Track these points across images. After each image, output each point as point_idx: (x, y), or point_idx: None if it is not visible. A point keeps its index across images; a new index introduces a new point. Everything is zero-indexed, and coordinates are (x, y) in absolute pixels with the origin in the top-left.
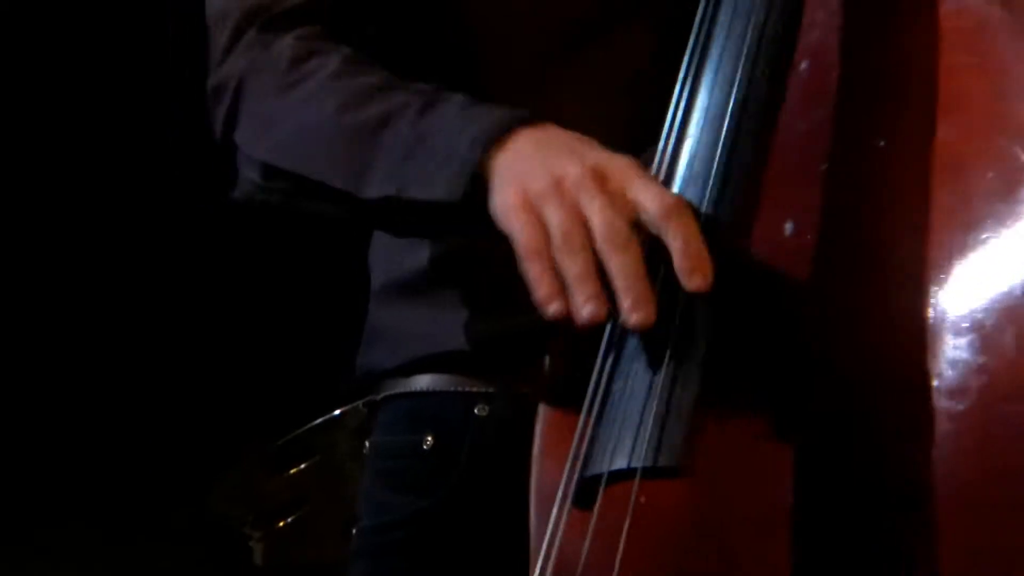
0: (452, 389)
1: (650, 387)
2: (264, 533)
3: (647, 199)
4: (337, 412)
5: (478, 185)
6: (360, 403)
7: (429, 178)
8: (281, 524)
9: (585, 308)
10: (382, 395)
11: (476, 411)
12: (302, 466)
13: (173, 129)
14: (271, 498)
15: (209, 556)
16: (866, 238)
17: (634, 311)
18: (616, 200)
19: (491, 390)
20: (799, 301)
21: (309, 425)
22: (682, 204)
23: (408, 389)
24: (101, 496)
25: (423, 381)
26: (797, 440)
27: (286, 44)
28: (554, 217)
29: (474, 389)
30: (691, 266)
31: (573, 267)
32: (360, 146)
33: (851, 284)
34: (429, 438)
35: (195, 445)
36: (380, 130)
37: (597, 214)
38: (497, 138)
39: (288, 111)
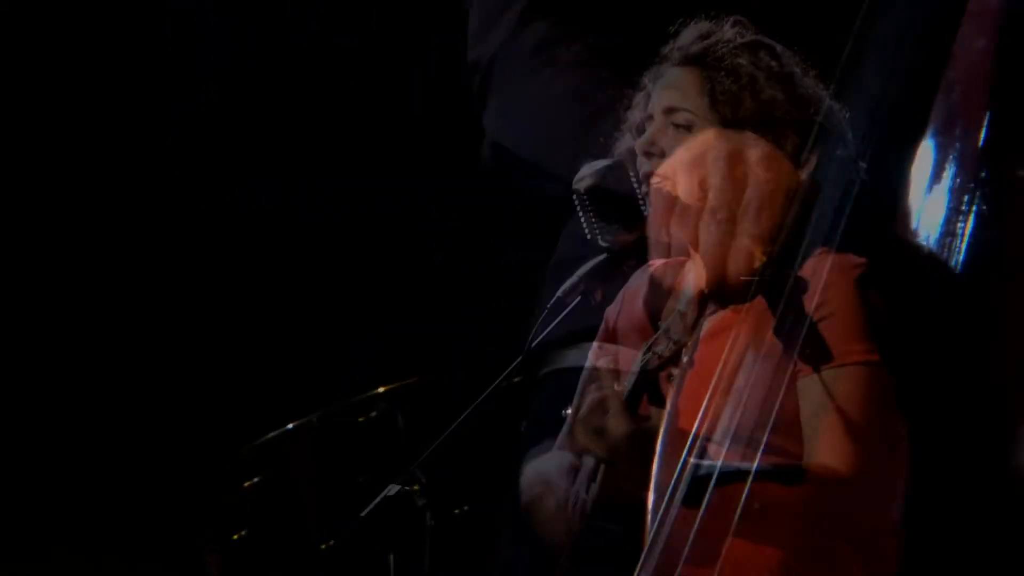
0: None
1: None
2: (219, 546)
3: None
4: (290, 426)
5: None
6: (313, 417)
7: None
8: (235, 537)
9: None
10: (542, 372)
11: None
12: (255, 480)
13: (173, 129)
14: (225, 511)
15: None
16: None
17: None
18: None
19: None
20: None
21: (262, 439)
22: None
23: (561, 365)
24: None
25: (574, 356)
26: (915, 454)
27: (536, 29)
28: None
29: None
30: None
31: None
32: (575, 138)
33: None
34: (569, 411)
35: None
36: (594, 124)
37: None
38: None
39: (523, 96)
